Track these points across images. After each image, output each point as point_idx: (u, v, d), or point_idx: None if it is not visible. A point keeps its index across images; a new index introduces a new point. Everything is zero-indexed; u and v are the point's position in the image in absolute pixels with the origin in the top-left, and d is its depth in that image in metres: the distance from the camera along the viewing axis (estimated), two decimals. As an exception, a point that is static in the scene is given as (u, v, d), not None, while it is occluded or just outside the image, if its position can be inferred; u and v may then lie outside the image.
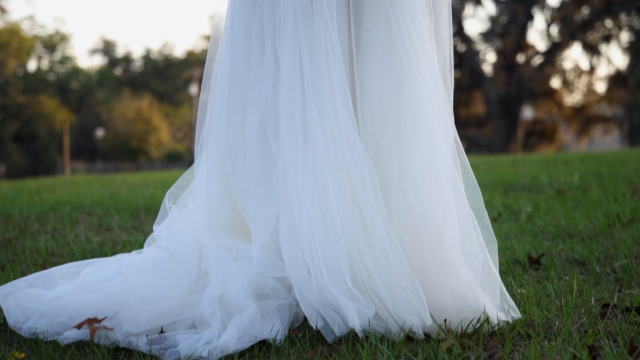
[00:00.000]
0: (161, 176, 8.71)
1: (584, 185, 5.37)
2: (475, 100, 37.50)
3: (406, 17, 2.08)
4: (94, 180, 8.98)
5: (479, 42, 34.44)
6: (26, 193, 6.70)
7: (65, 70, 60.99)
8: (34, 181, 10.90)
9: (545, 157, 9.47)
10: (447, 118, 2.13)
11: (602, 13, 31.36)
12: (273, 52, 2.15)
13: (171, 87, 61.05)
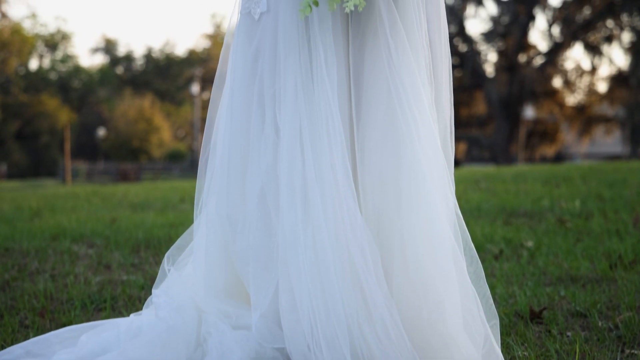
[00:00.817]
0: (162, 193, 8.69)
1: (586, 211, 5.35)
2: (476, 101, 37.47)
3: (406, 87, 2.07)
4: (95, 194, 8.96)
5: (481, 42, 34.40)
6: (26, 213, 6.68)
7: (67, 69, 60.98)
8: (33, 191, 10.89)
9: (547, 171, 9.44)
10: (449, 191, 2.11)
11: (603, 13, 31.32)
12: (273, 121, 2.14)
13: (173, 86, 61.03)
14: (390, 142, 2.09)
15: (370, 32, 2.12)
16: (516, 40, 32.93)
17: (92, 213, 6.37)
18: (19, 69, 57.84)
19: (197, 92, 48.86)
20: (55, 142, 56.52)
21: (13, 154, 56.04)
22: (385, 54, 2.09)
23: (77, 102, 60.33)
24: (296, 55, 2.11)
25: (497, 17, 33.36)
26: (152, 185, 10.50)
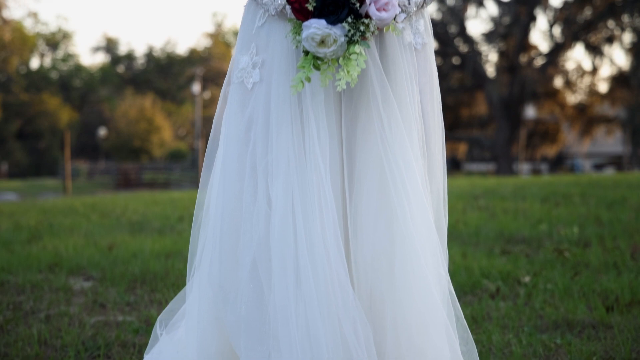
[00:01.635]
0: (161, 208, 8.68)
1: (584, 239, 5.34)
2: (477, 101, 37.43)
3: (399, 164, 2.07)
4: (94, 209, 8.95)
5: (482, 43, 34.34)
6: (25, 234, 6.68)
7: (68, 68, 61.01)
8: (33, 202, 10.88)
9: (546, 185, 9.42)
10: (442, 269, 2.11)
11: (604, 14, 31.26)
12: (265, 192, 2.14)
13: (174, 85, 61.05)
14: (383, 218, 2.08)
15: (362, 105, 2.11)
16: (517, 40, 32.87)
17: (89, 236, 6.35)
18: (20, 68, 57.85)
19: (198, 91, 48.86)
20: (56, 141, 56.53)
21: (14, 153, 56.07)
22: (378, 128, 2.09)
23: (78, 101, 60.36)
24: (289, 127, 2.11)
25: (498, 17, 33.30)
26: (151, 197, 10.49)
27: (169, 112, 56.65)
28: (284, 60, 2.14)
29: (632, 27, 32.32)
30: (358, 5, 1.99)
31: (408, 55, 2.17)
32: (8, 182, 45.07)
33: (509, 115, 33.48)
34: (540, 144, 39.81)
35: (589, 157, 48.17)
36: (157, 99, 56.13)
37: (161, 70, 61.62)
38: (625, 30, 32.47)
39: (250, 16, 2.24)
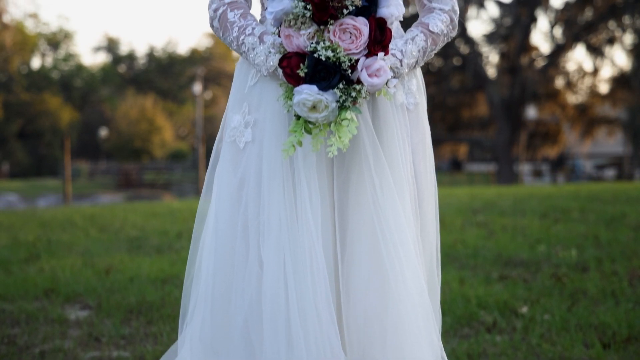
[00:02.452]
0: (160, 221, 8.67)
1: (582, 262, 5.33)
2: (478, 102, 37.39)
3: (391, 227, 2.06)
4: (93, 222, 8.95)
5: (482, 44, 34.30)
6: (23, 251, 6.67)
7: (69, 68, 61.01)
8: (32, 213, 10.87)
9: (545, 198, 9.40)
10: (434, 335, 2.10)
11: (605, 15, 31.21)
12: (257, 253, 2.14)
13: (175, 85, 61.05)
14: (376, 282, 2.08)
15: (354, 168, 2.10)
16: (518, 42, 32.82)
17: (87, 255, 6.34)
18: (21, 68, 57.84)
19: (199, 91, 48.85)
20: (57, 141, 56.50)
21: (15, 153, 56.08)
22: (370, 191, 2.08)
23: (79, 101, 60.35)
24: (280, 189, 2.10)
25: (499, 18, 33.25)
26: (150, 208, 10.47)
27: (170, 112, 56.65)
28: (276, 121, 2.13)
29: (633, 28, 32.26)
30: (350, 71, 1.98)
31: (400, 117, 2.16)
32: (9, 183, 45.08)
33: (510, 117, 33.44)
34: (541, 144, 39.76)
35: (590, 157, 48.13)
36: (158, 99, 56.14)
37: (162, 70, 61.61)
38: (626, 31, 32.41)
39: (243, 75, 2.23)
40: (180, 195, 35.53)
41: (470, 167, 47.38)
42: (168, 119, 53.51)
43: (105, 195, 36.36)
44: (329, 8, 1.96)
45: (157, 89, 59.97)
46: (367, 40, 1.98)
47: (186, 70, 60.79)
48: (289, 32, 2.00)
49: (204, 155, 18.46)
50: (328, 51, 1.96)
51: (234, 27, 2.15)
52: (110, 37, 63.25)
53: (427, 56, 2.18)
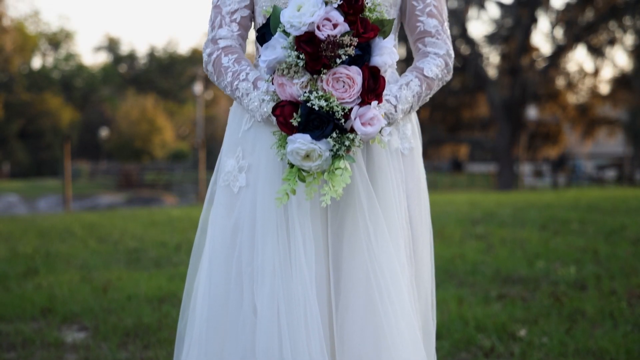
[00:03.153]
0: (159, 231, 8.66)
1: (581, 279, 5.32)
2: (479, 103, 37.39)
3: (386, 275, 2.05)
4: (91, 231, 8.94)
5: (483, 45, 34.29)
6: (21, 264, 6.67)
7: (70, 68, 61.05)
8: (32, 221, 10.86)
9: (545, 208, 9.39)
10: (429, 383, 2.09)
11: (606, 16, 31.19)
12: (251, 300, 2.14)
13: (176, 85, 61.08)
14: (370, 329, 2.07)
15: (349, 215, 2.09)
16: (519, 42, 32.80)
17: (85, 270, 6.33)
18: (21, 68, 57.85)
19: (200, 91, 48.85)
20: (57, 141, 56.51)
21: (16, 153, 56.11)
22: (364, 238, 2.07)
23: (79, 100, 60.39)
24: (274, 235, 2.09)
25: (500, 19, 33.23)
26: (149, 216, 10.46)
27: (171, 111, 56.66)
28: (270, 166, 2.12)
29: (634, 29, 32.24)
30: (343, 120, 1.97)
31: (395, 162, 2.15)
32: (10, 183, 45.09)
33: (511, 117, 33.43)
34: (542, 145, 39.76)
35: (591, 157, 48.08)
36: (159, 99, 56.13)
37: (163, 70, 61.62)
38: (627, 32, 32.39)
39: (237, 119, 2.22)
40: (181, 196, 35.54)
41: (470, 168, 47.37)
42: (169, 119, 53.52)
43: (105, 196, 36.36)
44: (322, 58, 1.95)
45: (157, 89, 59.98)
46: (361, 89, 1.97)
47: (187, 70, 60.80)
48: (282, 81, 1.98)
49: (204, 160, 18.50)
50: (321, 100, 1.94)
51: (228, 72, 2.14)
52: (111, 37, 63.28)
53: (422, 101, 2.17)
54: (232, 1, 2.21)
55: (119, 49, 62.49)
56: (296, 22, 1.95)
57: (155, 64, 61.55)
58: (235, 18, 2.21)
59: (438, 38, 2.21)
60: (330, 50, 1.95)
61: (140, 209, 13.64)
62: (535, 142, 38.85)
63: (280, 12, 1.99)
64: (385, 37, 2.01)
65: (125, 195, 36.36)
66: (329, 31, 1.96)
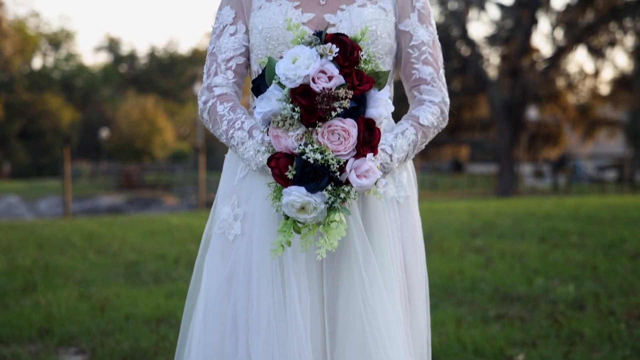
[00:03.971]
0: (158, 242, 8.66)
1: (580, 298, 5.31)
2: (479, 104, 37.40)
3: (380, 326, 2.05)
4: (90, 242, 8.94)
5: (484, 46, 34.28)
6: (19, 278, 6.67)
7: (70, 68, 61.06)
8: (31, 228, 10.86)
9: (544, 218, 9.38)
10: None
11: (607, 17, 31.19)
12: (246, 349, 2.14)
13: (176, 85, 61.09)
14: None
15: (344, 266, 2.09)
16: (519, 44, 32.79)
17: (84, 285, 6.33)
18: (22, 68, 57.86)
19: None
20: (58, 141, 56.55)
21: (16, 153, 56.15)
22: (359, 289, 2.06)
23: (80, 100, 60.42)
24: (269, 285, 2.09)
25: (500, 20, 33.22)
26: (148, 225, 10.45)
27: (171, 112, 56.66)
28: (265, 215, 2.12)
29: (634, 30, 32.24)
30: (338, 173, 1.96)
31: (390, 212, 2.14)
32: (10, 183, 45.12)
33: (511, 118, 33.43)
34: (543, 146, 39.78)
35: (592, 158, 48.08)
36: (159, 99, 56.11)
37: (163, 70, 61.61)
38: (627, 33, 32.39)
39: (232, 167, 2.22)
40: (182, 197, 35.55)
41: (471, 168, 47.36)
42: (169, 120, 53.52)
43: (106, 197, 36.38)
44: (317, 111, 1.94)
45: (158, 89, 59.97)
46: (356, 142, 1.96)
47: (187, 70, 60.79)
48: (277, 133, 1.97)
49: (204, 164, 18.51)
50: (316, 154, 1.93)
51: (223, 120, 2.14)
52: (112, 37, 63.27)
53: (418, 149, 2.16)
54: (228, 48, 2.21)
55: (120, 49, 62.48)
56: (291, 75, 1.94)
57: (155, 64, 61.54)
58: (231, 65, 2.21)
59: (434, 86, 2.20)
60: (325, 103, 1.94)
61: (140, 216, 13.65)
62: (536, 143, 38.88)
63: (276, 64, 1.99)
64: (380, 89, 2.00)
65: (126, 196, 36.38)
66: (324, 84, 1.95)
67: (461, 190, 38.18)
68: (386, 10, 2.18)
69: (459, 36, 33.35)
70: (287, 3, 2.18)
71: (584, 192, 33.96)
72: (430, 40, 2.22)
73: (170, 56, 61.08)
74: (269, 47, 2.15)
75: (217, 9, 2.27)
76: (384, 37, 2.16)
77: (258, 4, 2.20)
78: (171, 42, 70.95)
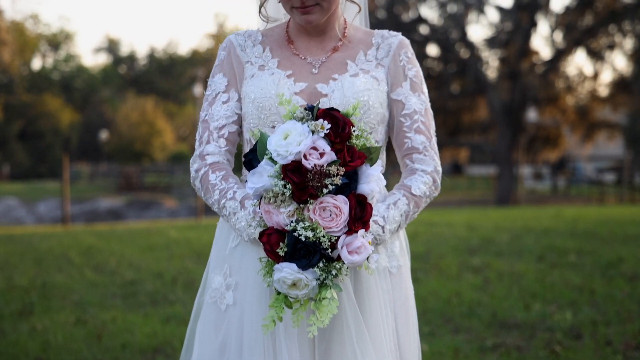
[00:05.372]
0: (155, 258, 8.66)
1: (577, 325, 5.31)
2: (479, 106, 37.42)
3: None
4: (88, 258, 8.94)
5: (483, 49, 34.30)
6: (17, 299, 6.67)
7: (70, 69, 61.06)
8: (29, 243, 10.85)
9: (543, 236, 9.38)
10: None
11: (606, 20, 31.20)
12: None
13: (176, 86, 61.09)
14: None
15: (336, 338, 2.08)
16: (518, 46, 32.80)
17: (81, 308, 6.33)
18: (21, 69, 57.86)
19: (200, 93, 48.85)
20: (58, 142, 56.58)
21: (16, 154, 56.16)
22: (352, 362, 2.05)
23: (79, 101, 60.41)
24: (261, 356, 2.09)
25: (500, 23, 33.23)
26: (146, 240, 10.45)
27: (171, 113, 56.67)
28: (257, 285, 2.11)
29: (633, 33, 32.25)
30: (330, 250, 1.96)
31: (383, 282, 2.14)
32: (10, 185, 45.10)
33: (511, 121, 33.45)
34: (542, 148, 39.81)
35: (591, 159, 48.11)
36: (159, 100, 56.11)
37: (163, 71, 61.62)
38: (627, 36, 32.40)
39: (224, 236, 2.21)
40: (181, 199, 35.54)
41: (471, 170, 47.36)
42: (169, 121, 53.51)
43: (105, 200, 36.40)
44: (309, 188, 1.93)
45: (157, 90, 59.98)
46: (348, 219, 1.95)
47: (187, 71, 60.81)
48: (269, 209, 1.97)
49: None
50: (308, 231, 1.93)
51: (215, 189, 2.13)
52: (111, 38, 63.27)
53: (410, 219, 2.16)
54: (220, 116, 2.21)
55: (119, 50, 62.50)
56: (283, 151, 1.93)
57: (155, 65, 61.56)
58: (223, 134, 2.20)
59: (426, 155, 2.20)
60: (317, 180, 1.94)
61: (138, 226, 13.64)
62: (535, 145, 38.90)
63: (267, 139, 1.98)
64: (372, 164, 2.00)
65: (125, 199, 36.37)
66: (315, 160, 1.94)
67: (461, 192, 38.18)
68: (378, 79, 2.18)
69: (458, 39, 33.36)
70: (280, 72, 2.17)
71: (583, 194, 33.97)
72: (422, 109, 2.22)
73: (169, 57, 61.11)
74: (261, 117, 2.15)
75: (210, 77, 2.27)
76: (376, 106, 2.16)
77: (250, 72, 2.20)
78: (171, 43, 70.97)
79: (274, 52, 2.22)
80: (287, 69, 2.18)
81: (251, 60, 2.22)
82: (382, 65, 2.22)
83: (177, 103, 60.53)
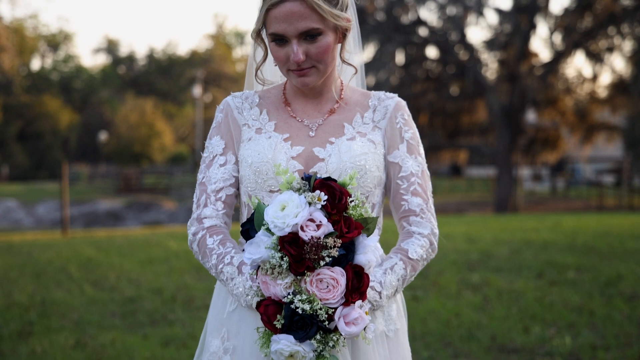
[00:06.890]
0: (154, 271, 8.66)
1: (576, 350, 5.31)
2: (478, 108, 37.43)
3: None
4: (88, 272, 8.94)
5: (482, 51, 34.30)
6: (16, 319, 6.67)
7: (69, 70, 61.05)
8: (28, 254, 10.85)
9: (542, 250, 9.38)
10: None
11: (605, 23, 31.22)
12: None
13: (175, 87, 61.07)
14: None
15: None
16: (518, 48, 32.80)
17: (80, 329, 6.33)
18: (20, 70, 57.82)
19: (199, 94, 48.83)
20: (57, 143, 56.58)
21: (15, 155, 56.15)
22: None
23: (79, 102, 60.39)
24: None
25: (499, 25, 33.24)
26: (147, 253, 10.45)
27: (170, 114, 56.67)
28: (255, 350, 2.12)
29: (632, 36, 32.27)
30: (327, 322, 1.96)
31: (380, 348, 2.14)
32: (9, 186, 45.08)
33: (510, 123, 33.47)
34: (541, 150, 39.83)
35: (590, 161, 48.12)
36: (158, 101, 56.09)
37: (162, 72, 61.61)
38: (626, 38, 32.42)
39: (222, 299, 2.22)
40: (180, 200, 35.55)
41: (470, 172, 47.37)
42: (168, 122, 53.50)
43: (105, 201, 36.38)
44: (306, 260, 1.93)
45: (157, 91, 59.97)
46: (345, 290, 1.95)
47: (186, 72, 60.80)
48: (266, 280, 1.97)
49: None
50: (305, 304, 1.93)
51: (212, 254, 2.13)
52: (110, 39, 63.27)
53: (407, 282, 2.16)
54: (218, 179, 2.21)
55: (118, 51, 62.49)
56: (280, 223, 1.93)
57: (154, 66, 61.56)
58: (221, 197, 2.20)
59: (422, 217, 2.20)
60: (314, 252, 1.94)
61: (138, 235, 13.64)
62: (534, 147, 38.92)
63: (264, 210, 1.98)
64: (369, 235, 2.00)
65: (125, 200, 36.37)
66: (312, 232, 1.94)
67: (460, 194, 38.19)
68: (375, 142, 2.18)
69: (457, 41, 33.36)
70: (277, 135, 2.18)
71: (582, 196, 33.95)
72: (419, 171, 2.22)
73: (169, 58, 61.10)
74: (259, 181, 2.15)
75: (207, 138, 2.27)
76: (373, 170, 2.16)
77: (248, 136, 2.20)
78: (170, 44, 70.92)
79: (271, 115, 2.22)
80: (284, 132, 2.18)
81: (248, 123, 2.22)
82: (379, 127, 2.22)
83: (177, 104, 60.56)
